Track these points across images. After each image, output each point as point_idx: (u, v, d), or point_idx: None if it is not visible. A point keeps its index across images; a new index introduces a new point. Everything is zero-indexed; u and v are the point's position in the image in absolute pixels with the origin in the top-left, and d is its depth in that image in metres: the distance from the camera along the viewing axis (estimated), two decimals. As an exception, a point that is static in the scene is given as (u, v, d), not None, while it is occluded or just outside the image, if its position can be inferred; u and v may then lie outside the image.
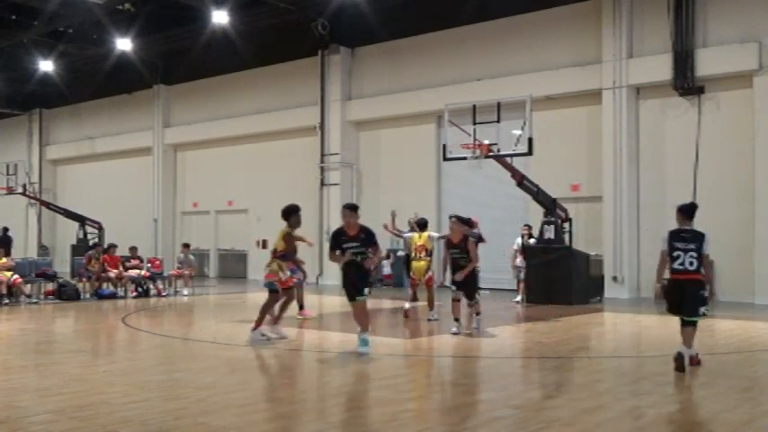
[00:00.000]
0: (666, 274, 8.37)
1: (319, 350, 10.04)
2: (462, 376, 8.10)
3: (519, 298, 16.30)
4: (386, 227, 14.51)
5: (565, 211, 16.64)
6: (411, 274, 13.48)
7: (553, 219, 16.14)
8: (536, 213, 17.11)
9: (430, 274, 13.03)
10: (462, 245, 11.01)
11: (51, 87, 30.15)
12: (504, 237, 17.93)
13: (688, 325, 8.12)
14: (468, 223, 12.23)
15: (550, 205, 16.28)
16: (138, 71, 26.98)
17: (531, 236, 16.56)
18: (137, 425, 5.66)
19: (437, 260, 15.73)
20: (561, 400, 6.86)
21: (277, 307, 10.38)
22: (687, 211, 8.82)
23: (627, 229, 17.60)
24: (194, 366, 8.51)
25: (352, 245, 9.12)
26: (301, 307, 13.05)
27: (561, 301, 15.25)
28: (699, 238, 8.55)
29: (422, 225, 13.49)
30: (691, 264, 8.25)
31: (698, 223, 8.48)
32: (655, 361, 9.01)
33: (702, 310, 8.20)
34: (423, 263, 13.00)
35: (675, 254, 8.27)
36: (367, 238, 9.21)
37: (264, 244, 25.10)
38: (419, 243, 13.07)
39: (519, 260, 16.45)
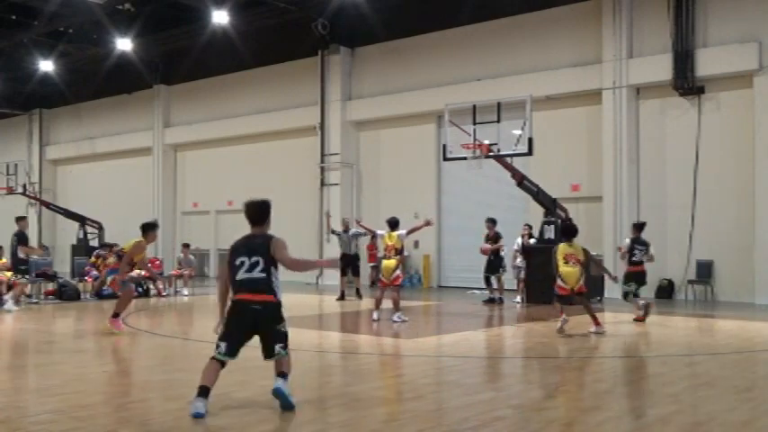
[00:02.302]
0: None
1: (319, 350, 10.04)
2: (462, 376, 8.10)
3: (519, 298, 16.32)
4: (358, 222, 15.64)
5: (565, 211, 16.64)
6: (380, 275, 13.23)
7: (553, 219, 16.14)
8: (536, 213, 17.12)
9: (397, 273, 12.63)
10: None
11: (51, 87, 30.15)
12: (504, 237, 17.92)
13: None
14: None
15: (550, 205, 16.28)
16: (138, 71, 26.99)
17: (531, 236, 16.55)
18: (137, 425, 5.65)
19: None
20: (561, 400, 6.86)
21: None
22: (640, 227, 13.39)
23: (627, 229, 17.57)
24: (194, 366, 8.50)
25: None
26: (115, 315, 11.35)
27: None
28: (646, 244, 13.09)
29: (393, 224, 13.02)
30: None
31: (698, 223, 8.49)
32: (655, 361, 9.01)
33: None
34: (392, 262, 12.63)
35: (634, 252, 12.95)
36: None
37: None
38: (389, 243, 12.73)
39: (519, 260, 16.47)
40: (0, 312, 14.10)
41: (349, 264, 16.98)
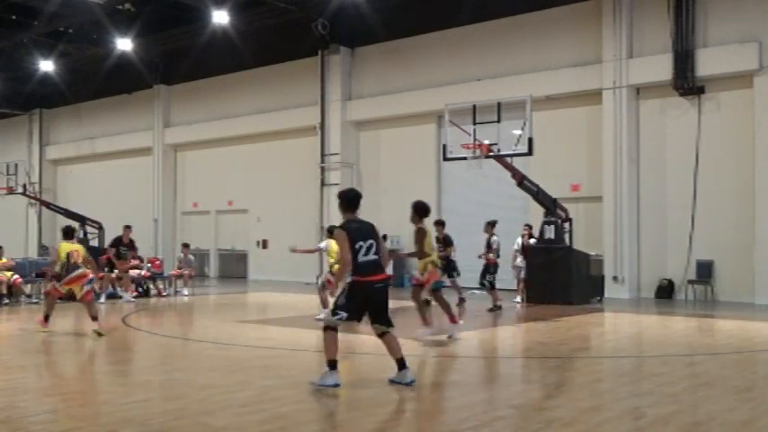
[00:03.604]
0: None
1: (319, 350, 10.03)
2: (462, 376, 8.09)
3: (519, 298, 16.32)
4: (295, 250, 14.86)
5: (565, 211, 16.63)
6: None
7: (553, 219, 16.14)
8: (536, 213, 17.11)
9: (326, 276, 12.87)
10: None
11: (51, 87, 30.15)
12: (504, 237, 17.92)
13: None
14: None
15: (550, 205, 16.28)
16: (138, 71, 26.99)
17: (531, 236, 16.55)
18: (137, 425, 5.65)
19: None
20: (561, 400, 6.85)
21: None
22: (443, 223, 14.41)
23: (627, 229, 17.61)
24: (194, 366, 8.52)
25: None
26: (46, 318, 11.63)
27: (561, 301, 15.26)
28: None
29: (331, 231, 13.28)
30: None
31: (698, 223, 8.55)
32: (655, 361, 9.01)
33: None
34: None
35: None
36: None
37: (265, 244, 25.13)
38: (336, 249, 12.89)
39: (519, 260, 16.46)
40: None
41: None
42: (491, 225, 15.17)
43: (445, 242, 14.97)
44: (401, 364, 7.10)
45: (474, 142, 15.59)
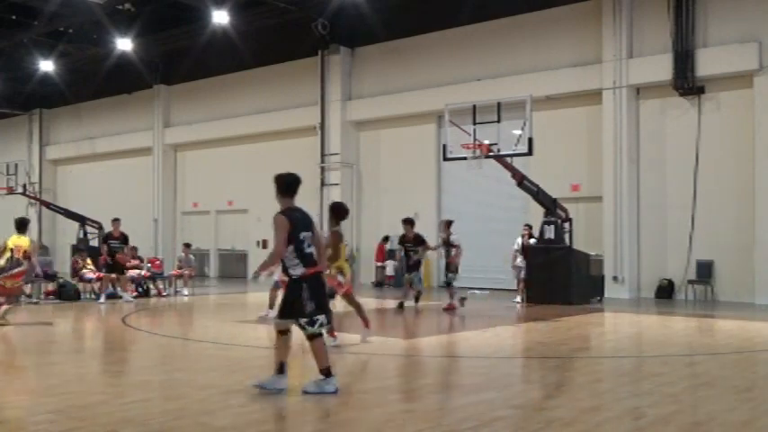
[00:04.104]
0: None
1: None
2: (462, 376, 8.09)
3: (519, 298, 16.31)
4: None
5: (565, 211, 16.63)
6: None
7: (553, 219, 16.13)
8: (536, 213, 17.11)
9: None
10: None
11: (51, 87, 30.15)
12: (504, 237, 17.94)
13: None
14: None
15: (550, 205, 16.28)
16: (138, 71, 26.99)
17: (531, 236, 16.55)
18: (137, 425, 5.65)
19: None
20: (561, 400, 6.85)
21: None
22: (412, 222, 14.65)
23: (627, 229, 17.61)
24: (194, 366, 8.52)
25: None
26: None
27: (561, 301, 15.25)
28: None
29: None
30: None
31: (698, 223, 8.56)
32: (655, 361, 9.01)
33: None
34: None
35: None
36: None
37: (265, 244, 25.11)
38: None
39: (519, 260, 16.46)
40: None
41: None
42: (447, 224, 15.03)
43: (416, 242, 14.72)
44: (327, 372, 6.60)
45: (474, 142, 15.59)
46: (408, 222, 14.76)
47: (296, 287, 6.56)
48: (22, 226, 12.16)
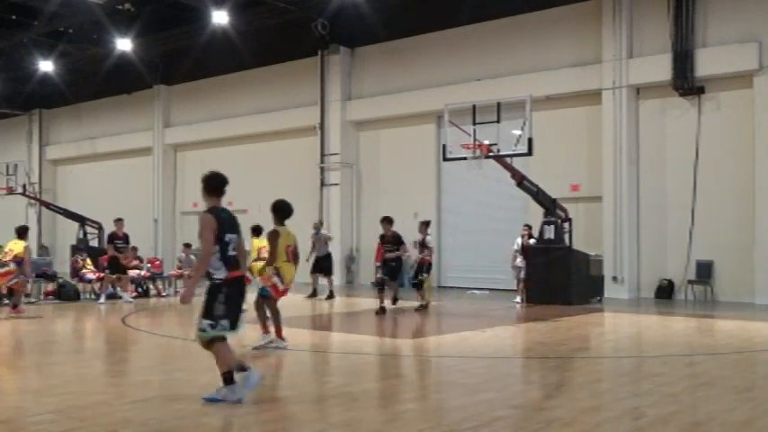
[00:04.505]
0: None
1: (318, 350, 10.04)
2: (462, 376, 8.09)
3: (519, 298, 16.32)
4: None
5: (565, 211, 16.63)
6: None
7: (553, 219, 16.14)
8: (536, 213, 17.11)
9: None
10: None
11: (51, 87, 30.14)
12: (504, 237, 17.94)
13: None
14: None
15: (550, 205, 16.28)
16: (138, 71, 26.98)
17: (531, 236, 16.55)
18: (137, 425, 5.66)
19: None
20: (561, 400, 6.85)
21: None
22: (390, 220, 14.37)
23: (627, 229, 17.60)
24: (194, 366, 8.51)
25: None
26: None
27: (561, 301, 15.26)
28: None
29: (259, 231, 14.58)
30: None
31: (698, 223, 8.57)
32: (655, 361, 9.01)
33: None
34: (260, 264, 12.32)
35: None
36: None
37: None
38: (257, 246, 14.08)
39: (519, 260, 16.47)
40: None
41: (320, 263, 17.73)
42: (425, 225, 15.11)
43: (395, 241, 14.44)
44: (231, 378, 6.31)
45: (474, 142, 15.59)
46: (387, 221, 14.46)
47: (215, 290, 6.51)
48: (21, 233, 13.66)
